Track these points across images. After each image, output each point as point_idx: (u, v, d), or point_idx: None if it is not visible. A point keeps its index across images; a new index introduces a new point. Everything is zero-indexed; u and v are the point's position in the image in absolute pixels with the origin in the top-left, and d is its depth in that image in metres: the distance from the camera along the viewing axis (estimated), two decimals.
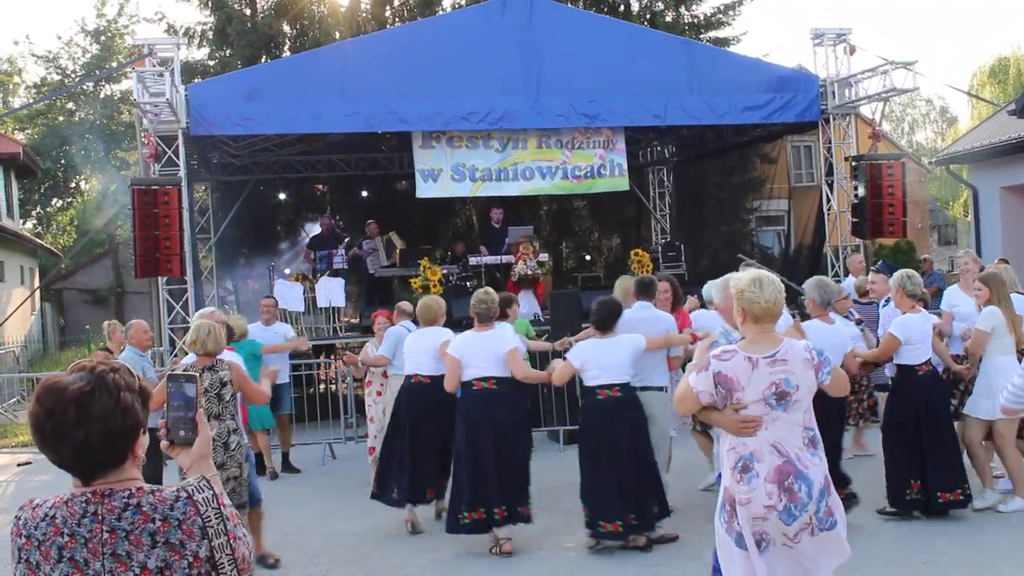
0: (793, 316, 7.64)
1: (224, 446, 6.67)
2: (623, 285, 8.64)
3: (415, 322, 10.44)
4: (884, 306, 9.63)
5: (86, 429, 2.22)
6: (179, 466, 2.54)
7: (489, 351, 7.58)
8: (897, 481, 7.80)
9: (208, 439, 2.51)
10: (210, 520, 2.29)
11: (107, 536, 2.23)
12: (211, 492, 2.33)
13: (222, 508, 2.33)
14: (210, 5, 21.26)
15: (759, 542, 4.30)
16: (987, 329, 7.88)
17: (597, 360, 7.29)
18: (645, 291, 8.12)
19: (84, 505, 2.25)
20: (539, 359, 10.41)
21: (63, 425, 2.22)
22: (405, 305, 10.59)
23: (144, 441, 2.37)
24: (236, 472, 6.82)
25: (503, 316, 8.35)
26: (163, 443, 2.49)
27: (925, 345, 7.76)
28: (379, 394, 10.49)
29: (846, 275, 14.12)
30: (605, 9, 21.88)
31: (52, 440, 2.24)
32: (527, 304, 14.52)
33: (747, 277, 4.50)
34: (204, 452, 2.50)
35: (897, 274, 8.01)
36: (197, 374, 2.58)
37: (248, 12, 21.46)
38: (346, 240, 17.08)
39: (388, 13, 21.86)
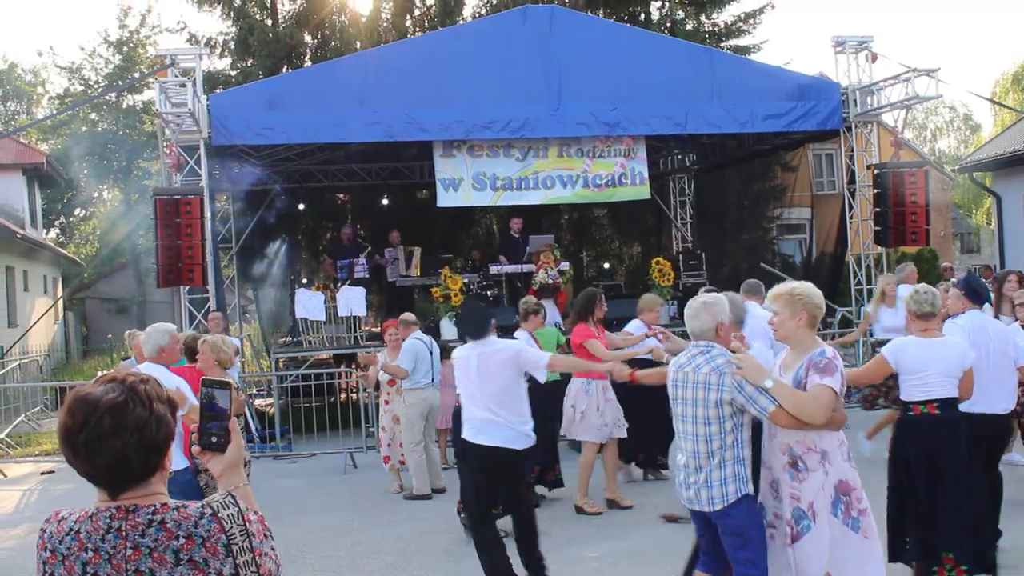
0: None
1: None
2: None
3: (425, 331, 10.61)
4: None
5: (122, 439, 2.20)
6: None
7: None
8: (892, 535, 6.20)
9: (241, 447, 2.50)
10: (235, 537, 2.26)
11: (131, 553, 2.21)
12: (236, 508, 2.31)
13: (247, 524, 2.30)
14: (232, 16, 21.39)
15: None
16: None
17: None
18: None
19: (108, 521, 2.24)
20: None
21: (99, 436, 2.20)
22: (408, 316, 10.68)
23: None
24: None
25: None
26: (194, 448, 2.49)
27: (927, 378, 5.95)
28: (387, 403, 10.59)
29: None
30: (625, 17, 21.89)
31: (86, 452, 2.22)
32: (549, 313, 14.50)
33: (806, 285, 4.95)
34: (236, 460, 2.49)
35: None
36: (231, 381, 2.57)
37: (269, 22, 21.57)
38: (367, 249, 17.10)
39: (409, 23, 21.93)
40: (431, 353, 10.13)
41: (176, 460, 6.37)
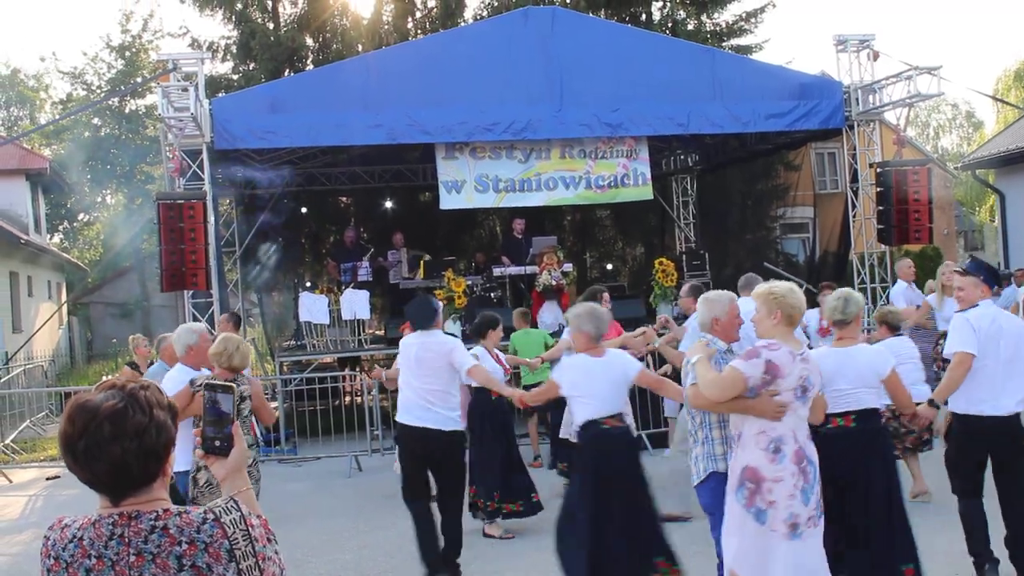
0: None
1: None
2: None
3: None
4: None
5: (122, 446, 2.20)
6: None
7: None
8: None
9: (244, 451, 2.51)
10: (237, 542, 2.26)
11: (134, 559, 2.21)
12: (239, 513, 2.31)
13: (250, 529, 2.30)
14: (234, 20, 21.40)
15: (794, 525, 4.77)
16: None
17: None
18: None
19: (111, 527, 2.24)
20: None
21: (98, 442, 2.20)
22: None
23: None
24: (256, 488, 6.88)
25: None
26: (198, 451, 2.49)
27: (842, 389, 5.63)
28: None
29: (893, 282, 13.53)
30: (627, 18, 21.88)
31: (86, 458, 2.22)
32: (551, 314, 14.52)
33: (784, 286, 5.11)
34: (239, 464, 2.50)
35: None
36: (234, 385, 2.57)
37: (271, 26, 21.57)
38: (370, 252, 17.09)
39: (410, 25, 21.92)
40: None
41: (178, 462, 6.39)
